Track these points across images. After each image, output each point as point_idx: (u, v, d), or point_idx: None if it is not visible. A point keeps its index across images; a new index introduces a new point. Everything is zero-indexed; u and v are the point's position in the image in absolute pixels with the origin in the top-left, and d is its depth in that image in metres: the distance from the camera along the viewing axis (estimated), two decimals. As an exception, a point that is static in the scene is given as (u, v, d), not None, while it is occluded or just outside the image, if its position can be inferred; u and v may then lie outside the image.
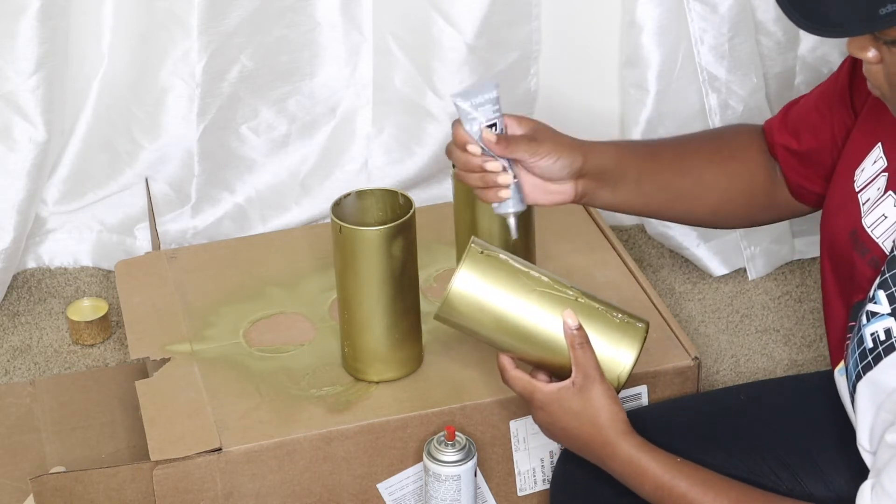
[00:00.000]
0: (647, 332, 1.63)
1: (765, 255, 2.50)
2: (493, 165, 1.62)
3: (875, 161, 1.54)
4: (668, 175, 1.71)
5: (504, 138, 1.61)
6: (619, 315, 1.63)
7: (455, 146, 1.64)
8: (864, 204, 1.53)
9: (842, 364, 1.55)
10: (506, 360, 1.62)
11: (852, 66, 1.62)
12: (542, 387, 1.59)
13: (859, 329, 1.47)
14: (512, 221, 1.64)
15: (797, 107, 1.71)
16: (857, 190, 1.55)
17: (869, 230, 1.51)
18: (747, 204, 1.73)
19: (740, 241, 2.49)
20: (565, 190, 1.67)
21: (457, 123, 1.63)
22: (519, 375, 1.61)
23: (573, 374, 1.58)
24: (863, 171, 1.55)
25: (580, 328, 1.58)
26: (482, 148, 1.61)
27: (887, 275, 1.45)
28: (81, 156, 2.50)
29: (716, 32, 2.38)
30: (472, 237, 1.65)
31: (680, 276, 2.50)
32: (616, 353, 1.61)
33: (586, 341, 1.58)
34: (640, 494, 1.55)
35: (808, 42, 2.48)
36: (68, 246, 2.53)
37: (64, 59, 2.37)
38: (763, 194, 1.73)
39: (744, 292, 2.46)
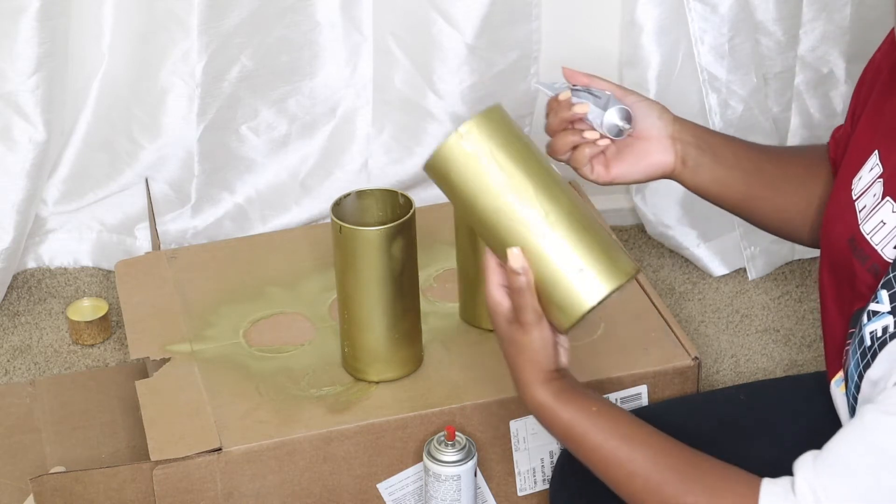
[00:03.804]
0: (620, 282, 1.45)
1: (765, 255, 2.50)
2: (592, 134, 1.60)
3: (871, 168, 1.53)
4: (764, 161, 1.66)
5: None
6: (585, 262, 1.45)
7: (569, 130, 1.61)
8: (860, 211, 1.53)
9: (839, 375, 1.54)
10: (493, 265, 1.50)
11: (861, 79, 1.62)
12: (502, 312, 1.49)
13: (860, 330, 1.47)
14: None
15: (840, 127, 1.70)
16: (853, 198, 1.54)
17: (868, 237, 1.50)
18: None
19: (740, 241, 2.49)
20: (664, 151, 1.61)
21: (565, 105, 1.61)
22: (493, 294, 1.49)
23: (509, 308, 1.48)
24: (860, 179, 1.55)
25: (524, 272, 1.45)
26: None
27: (891, 275, 1.44)
28: (81, 156, 2.50)
29: (716, 32, 2.38)
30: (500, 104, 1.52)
31: (680, 276, 2.50)
32: (570, 296, 1.46)
33: (525, 287, 1.45)
34: (561, 442, 1.50)
35: (807, 42, 2.48)
36: (68, 246, 2.53)
37: (64, 59, 2.37)
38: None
39: (744, 292, 2.46)
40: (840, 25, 2.47)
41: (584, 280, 1.45)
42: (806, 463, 1.37)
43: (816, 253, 2.52)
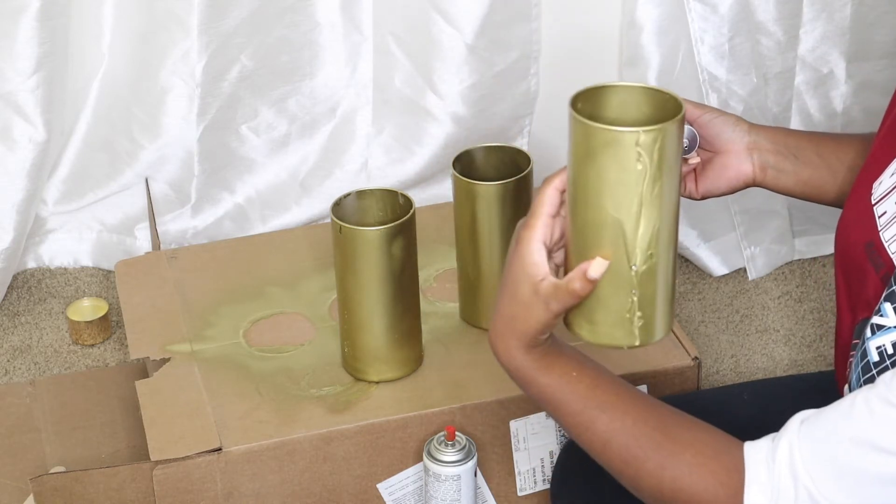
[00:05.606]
0: (656, 339, 1.39)
1: (765, 255, 2.50)
2: None
3: (893, 174, 1.51)
4: (853, 155, 1.63)
5: None
6: (640, 314, 1.37)
7: None
8: (879, 217, 1.50)
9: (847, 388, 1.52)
10: (546, 216, 1.35)
11: None
12: (533, 275, 1.34)
13: (863, 343, 1.45)
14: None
15: None
16: (872, 203, 1.52)
17: (886, 244, 1.47)
18: None
19: (740, 241, 2.49)
20: (742, 163, 1.61)
21: None
22: (535, 251, 1.34)
23: (548, 285, 1.33)
24: (880, 183, 1.52)
25: (592, 285, 1.32)
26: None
27: (895, 287, 1.42)
28: (81, 156, 2.50)
29: (716, 32, 2.38)
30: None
31: (680, 276, 2.50)
32: (603, 331, 1.37)
33: (580, 295, 1.32)
34: (537, 404, 1.44)
35: (807, 42, 2.48)
36: (68, 246, 2.53)
37: (64, 59, 2.37)
38: None
39: (744, 292, 2.46)
40: (840, 25, 2.47)
41: (631, 324, 1.35)
42: (793, 426, 1.31)
43: (816, 254, 2.54)
